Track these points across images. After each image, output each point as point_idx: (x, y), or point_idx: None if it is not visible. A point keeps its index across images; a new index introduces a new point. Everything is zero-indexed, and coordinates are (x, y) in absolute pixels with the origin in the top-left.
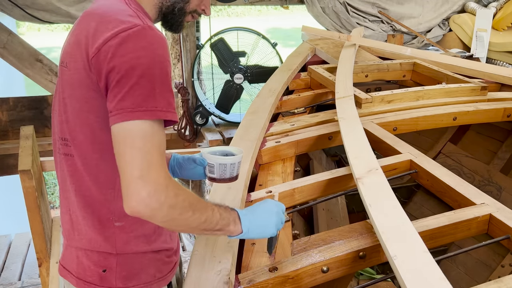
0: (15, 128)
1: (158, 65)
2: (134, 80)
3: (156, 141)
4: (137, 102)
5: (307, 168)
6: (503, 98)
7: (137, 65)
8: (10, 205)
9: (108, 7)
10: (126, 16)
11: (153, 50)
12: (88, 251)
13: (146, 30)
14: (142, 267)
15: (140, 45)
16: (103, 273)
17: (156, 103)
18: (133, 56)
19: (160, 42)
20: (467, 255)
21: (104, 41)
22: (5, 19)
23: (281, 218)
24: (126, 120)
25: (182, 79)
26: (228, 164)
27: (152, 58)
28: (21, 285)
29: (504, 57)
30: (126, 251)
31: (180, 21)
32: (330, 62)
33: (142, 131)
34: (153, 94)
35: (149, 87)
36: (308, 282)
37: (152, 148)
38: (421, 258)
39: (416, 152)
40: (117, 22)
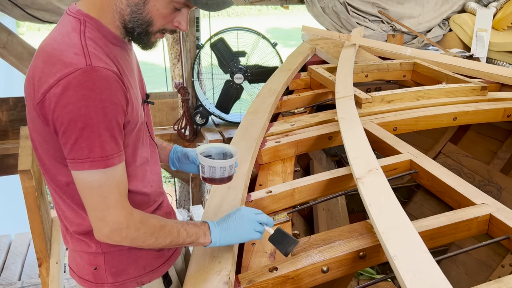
0: (15, 128)
1: (100, 112)
2: (77, 133)
3: (113, 183)
4: (84, 153)
5: (307, 168)
6: (503, 98)
7: (78, 117)
8: (10, 205)
9: (58, 42)
10: (72, 54)
11: (94, 97)
12: (81, 252)
13: (87, 74)
14: (129, 262)
15: (81, 94)
16: (95, 270)
17: (103, 152)
18: (74, 108)
19: (102, 84)
20: (467, 255)
21: (48, 89)
22: (5, 19)
23: (255, 224)
24: (78, 169)
25: (182, 79)
26: (218, 167)
27: (93, 107)
28: (21, 285)
29: (504, 57)
30: (111, 249)
31: (146, 41)
32: (330, 62)
33: (97, 180)
34: (98, 143)
35: (93, 137)
36: (308, 282)
37: (110, 191)
38: (421, 258)
39: (416, 152)
40: (60, 66)
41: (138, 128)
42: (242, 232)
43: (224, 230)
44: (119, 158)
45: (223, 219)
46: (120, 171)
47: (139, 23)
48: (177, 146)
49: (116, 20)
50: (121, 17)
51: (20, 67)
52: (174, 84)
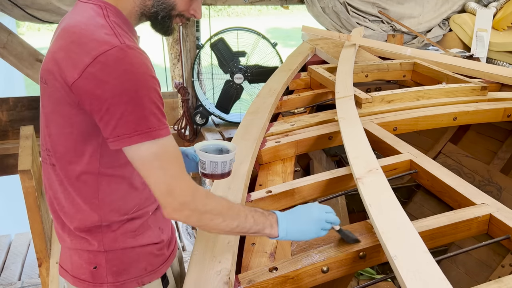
0: (15, 128)
1: (142, 86)
2: (123, 107)
3: (171, 154)
4: (131, 127)
5: (307, 168)
6: (503, 98)
7: (122, 92)
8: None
9: (84, 23)
10: (103, 34)
11: (134, 71)
12: (79, 250)
13: (124, 51)
14: (131, 262)
15: (121, 69)
16: (94, 270)
17: (149, 124)
18: (117, 82)
19: (139, 60)
20: (467, 255)
21: (84, 67)
22: (5, 19)
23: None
24: (127, 145)
25: (182, 79)
26: (219, 162)
27: (134, 81)
28: (21, 285)
29: (504, 57)
30: (113, 247)
31: (168, 25)
32: (330, 62)
33: (153, 153)
34: (144, 115)
35: (138, 110)
36: (308, 282)
37: (168, 162)
38: (421, 258)
39: (416, 152)
40: (94, 44)
41: None
42: (310, 230)
43: (293, 226)
44: (166, 130)
45: (292, 213)
46: (172, 143)
47: (163, 6)
48: (185, 149)
49: (135, 6)
50: (142, 2)
51: (20, 67)
52: (174, 84)
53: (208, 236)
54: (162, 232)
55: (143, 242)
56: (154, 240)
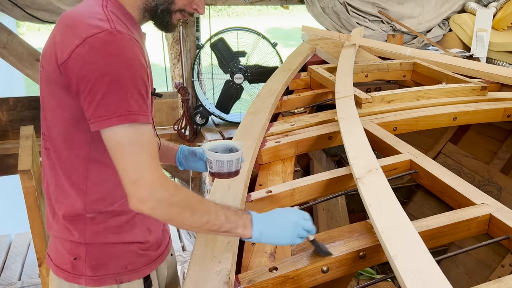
0: (15, 128)
1: (127, 69)
2: (105, 88)
3: (145, 142)
4: (111, 108)
5: (307, 168)
6: (503, 98)
7: (106, 72)
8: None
9: (82, 10)
10: (96, 20)
11: (121, 55)
12: (63, 239)
13: (113, 35)
14: (111, 258)
15: (108, 51)
16: (74, 261)
17: (130, 107)
18: (102, 63)
19: (128, 45)
20: (467, 255)
21: (73, 48)
22: (5, 19)
23: (300, 229)
24: (105, 127)
25: (182, 79)
26: (225, 161)
27: (120, 63)
28: (21, 285)
29: (504, 57)
30: (94, 241)
31: (167, 20)
32: (330, 62)
33: (128, 137)
34: (125, 98)
35: (120, 92)
36: (308, 282)
37: (141, 150)
38: (421, 258)
39: (416, 152)
40: (85, 27)
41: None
42: (285, 235)
43: (268, 228)
44: (145, 117)
45: (269, 216)
46: (149, 131)
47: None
48: (184, 146)
49: (138, 0)
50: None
51: (20, 67)
52: (174, 84)
53: (208, 236)
54: (149, 233)
55: (126, 239)
56: (139, 239)
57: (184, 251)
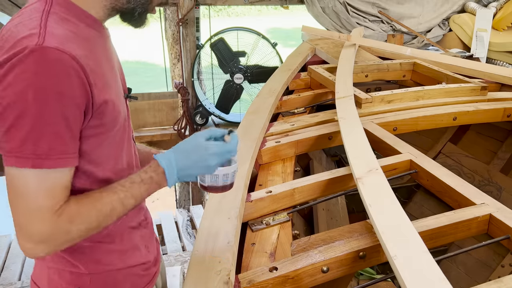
0: None
1: (41, 101)
2: (11, 120)
3: (44, 188)
4: (13, 146)
5: (307, 168)
6: (503, 98)
7: (15, 102)
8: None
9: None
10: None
11: (36, 82)
12: (60, 270)
13: (33, 55)
14: (116, 284)
15: (22, 77)
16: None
17: (36, 148)
18: (14, 91)
19: (51, 68)
20: (467, 255)
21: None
22: (5, 19)
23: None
24: (6, 165)
25: (182, 79)
26: (221, 175)
27: (33, 94)
28: (21, 285)
29: (504, 57)
30: (98, 270)
31: (143, 19)
32: (330, 62)
33: (24, 180)
34: (32, 137)
35: (26, 129)
36: (308, 282)
37: (36, 197)
38: (421, 258)
39: (416, 152)
40: (10, 46)
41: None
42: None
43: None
44: (55, 162)
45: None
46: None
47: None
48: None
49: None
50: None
51: None
52: (174, 84)
53: (208, 236)
54: (148, 251)
55: (130, 263)
56: (141, 260)
57: (184, 251)
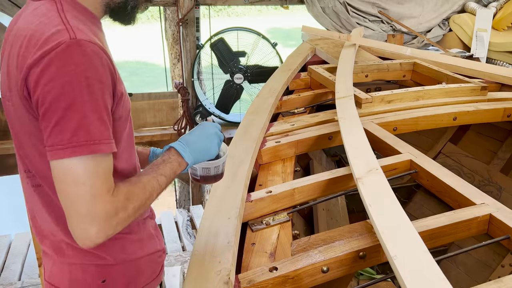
0: None
1: (86, 90)
2: (60, 113)
3: (101, 172)
4: (66, 138)
5: (307, 168)
6: (503, 98)
7: (61, 95)
8: (10, 205)
9: (35, 24)
10: (52, 29)
11: (80, 73)
12: (85, 265)
13: (71, 48)
14: (139, 272)
15: (65, 70)
16: (103, 283)
17: (88, 136)
18: (56, 84)
19: (89, 59)
20: (467, 255)
21: (28, 69)
22: (5, 19)
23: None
24: (59, 158)
25: (182, 79)
26: (212, 167)
27: (78, 84)
28: (21, 285)
29: (504, 57)
30: (124, 260)
31: (134, 15)
32: (330, 62)
33: (83, 167)
34: (83, 125)
35: (77, 118)
36: (308, 282)
37: (97, 181)
38: (421, 258)
39: (416, 152)
40: (40, 43)
41: (130, 122)
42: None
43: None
44: (108, 146)
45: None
46: (109, 162)
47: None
48: (155, 149)
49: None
50: None
51: None
52: (174, 84)
53: (208, 236)
54: (159, 240)
55: (149, 251)
56: (157, 248)
57: (184, 251)
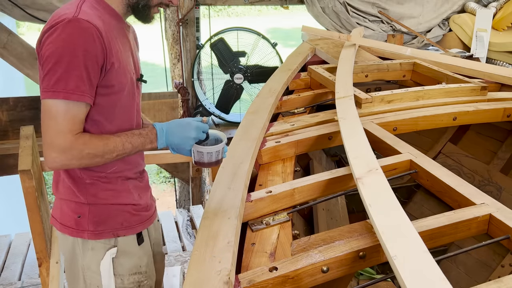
0: (15, 128)
1: (72, 54)
2: (50, 65)
3: (69, 115)
4: (50, 84)
5: (307, 168)
6: (503, 98)
7: (54, 53)
8: (10, 205)
9: (61, 8)
10: (66, 11)
11: (71, 41)
12: (68, 200)
13: (70, 23)
14: (110, 216)
15: (61, 37)
16: (78, 218)
17: (66, 85)
18: (53, 46)
19: (80, 34)
20: (467, 255)
21: (43, 35)
22: (5, 19)
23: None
24: (43, 98)
25: (182, 79)
26: (205, 153)
27: (67, 48)
28: (21, 285)
29: (504, 57)
30: (96, 202)
31: (147, 14)
32: (330, 62)
33: (56, 109)
34: (63, 77)
35: (60, 72)
36: (308, 282)
37: (63, 120)
38: (421, 258)
39: (416, 152)
40: (55, 18)
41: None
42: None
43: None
44: (79, 96)
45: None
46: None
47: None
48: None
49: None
50: None
51: (20, 67)
52: (174, 84)
53: (208, 236)
54: (140, 198)
55: (123, 201)
56: (132, 201)
57: (184, 251)
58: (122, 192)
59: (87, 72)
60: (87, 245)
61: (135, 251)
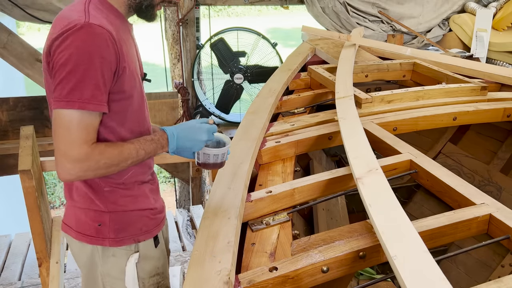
0: (15, 128)
1: (86, 62)
2: (63, 74)
3: (83, 125)
4: (63, 93)
5: (307, 168)
6: (503, 98)
7: (67, 61)
8: (10, 205)
9: (66, 11)
10: (75, 15)
11: (84, 48)
12: (86, 209)
13: (83, 29)
14: (130, 222)
15: (75, 44)
16: (99, 226)
17: (80, 95)
18: (66, 53)
19: (94, 40)
20: (467, 255)
21: (53, 41)
22: (5, 19)
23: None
24: (56, 108)
25: (182, 79)
26: (211, 155)
27: (81, 55)
28: (21, 285)
29: (504, 57)
30: (116, 209)
31: (150, 13)
32: (330, 62)
33: (70, 117)
34: (78, 87)
35: (74, 80)
36: (308, 282)
37: (77, 130)
38: (421, 258)
39: (416, 152)
40: (65, 23)
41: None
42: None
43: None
44: (95, 106)
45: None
46: (94, 119)
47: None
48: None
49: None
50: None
51: (20, 67)
52: (174, 84)
53: (208, 236)
54: (155, 201)
55: (141, 207)
56: (150, 206)
57: (184, 251)
58: (139, 197)
59: (103, 79)
60: (107, 252)
61: (153, 254)
